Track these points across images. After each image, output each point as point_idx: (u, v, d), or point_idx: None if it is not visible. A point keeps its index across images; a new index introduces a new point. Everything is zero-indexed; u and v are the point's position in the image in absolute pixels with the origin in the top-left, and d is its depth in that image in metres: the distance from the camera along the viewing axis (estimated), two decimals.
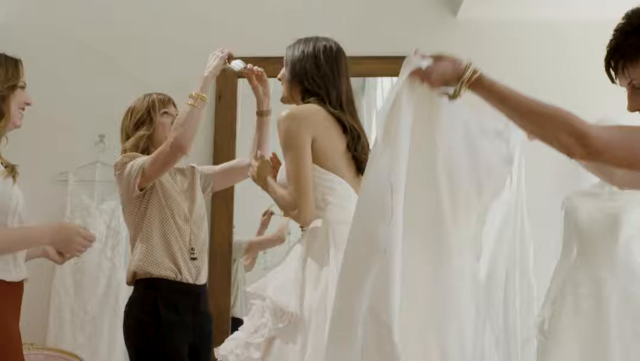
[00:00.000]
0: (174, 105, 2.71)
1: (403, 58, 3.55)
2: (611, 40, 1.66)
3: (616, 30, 1.66)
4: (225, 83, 3.54)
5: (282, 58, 3.59)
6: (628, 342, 2.75)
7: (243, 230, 3.63)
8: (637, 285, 2.92)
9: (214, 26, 3.66)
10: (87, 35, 3.69)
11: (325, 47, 2.27)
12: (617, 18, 3.50)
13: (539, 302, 3.08)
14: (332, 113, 2.16)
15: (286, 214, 2.16)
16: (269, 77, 2.77)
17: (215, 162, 3.25)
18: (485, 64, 3.55)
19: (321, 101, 2.19)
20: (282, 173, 2.20)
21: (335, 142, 2.16)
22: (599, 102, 3.46)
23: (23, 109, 2.17)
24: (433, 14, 3.65)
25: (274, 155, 2.43)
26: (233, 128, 3.48)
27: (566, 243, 3.15)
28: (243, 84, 3.50)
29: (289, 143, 2.11)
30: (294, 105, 2.24)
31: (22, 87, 2.16)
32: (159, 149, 2.47)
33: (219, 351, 2.08)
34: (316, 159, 2.12)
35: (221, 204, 3.40)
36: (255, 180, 2.31)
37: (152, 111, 2.62)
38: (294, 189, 2.08)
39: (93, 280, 3.36)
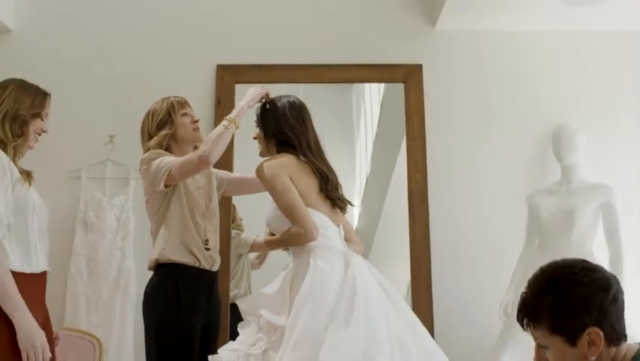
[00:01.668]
0: (189, 106, 2.86)
1: (385, 65, 3.87)
2: (522, 293, 1.64)
3: (528, 284, 1.64)
4: (224, 88, 3.75)
5: (277, 65, 3.86)
6: None
7: (246, 226, 3.76)
8: None
9: (214, 34, 3.84)
10: (97, 44, 3.83)
11: (289, 102, 2.55)
12: (582, 29, 3.77)
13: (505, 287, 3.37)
14: (302, 160, 2.45)
15: (302, 242, 2.35)
16: (264, 82, 2.99)
17: (214, 165, 3.45)
18: (462, 72, 3.89)
19: (294, 150, 2.47)
20: (270, 216, 2.46)
21: (308, 183, 2.43)
22: (565, 105, 3.74)
23: (39, 134, 2.42)
24: (413, 25, 3.84)
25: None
26: None
27: (529, 234, 3.45)
28: (240, 89, 3.71)
29: (273, 185, 2.37)
30: (269, 157, 2.51)
31: (43, 118, 2.41)
32: (187, 157, 2.62)
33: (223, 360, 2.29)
34: None
35: (220, 200, 3.63)
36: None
37: (172, 112, 2.77)
38: (293, 216, 2.33)
39: (105, 267, 3.51)
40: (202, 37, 3.86)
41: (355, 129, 4.35)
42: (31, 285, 2.25)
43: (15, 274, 2.18)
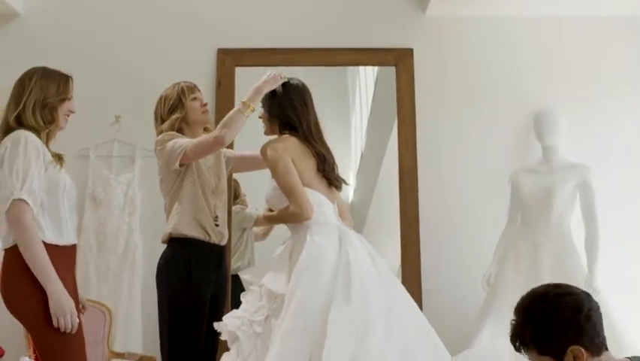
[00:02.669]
0: (199, 90, 3.00)
1: (377, 50, 4.01)
2: (512, 321, 1.85)
3: (514, 311, 1.86)
4: (224, 71, 3.89)
5: (275, 49, 3.95)
6: None
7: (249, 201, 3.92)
8: (566, 249, 3.39)
9: (215, 19, 3.97)
10: (103, 28, 3.94)
11: (293, 85, 2.70)
12: (568, 14, 3.89)
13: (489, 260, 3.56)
14: (303, 142, 2.62)
15: (298, 221, 2.52)
16: (263, 65, 3.20)
17: None
18: (451, 56, 4.04)
19: (295, 131, 2.64)
20: (270, 193, 2.63)
21: (307, 163, 2.60)
22: (550, 89, 3.90)
23: (68, 116, 2.58)
24: (405, 11, 3.98)
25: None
26: None
27: (512, 211, 3.62)
28: (239, 72, 3.88)
29: (276, 165, 2.53)
30: (273, 137, 2.67)
31: (69, 99, 2.55)
32: (202, 138, 2.76)
33: (227, 327, 2.43)
34: None
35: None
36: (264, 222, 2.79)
37: (183, 97, 2.91)
38: (292, 196, 2.50)
39: (114, 241, 3.67)
40: (203, 22, 3.98)
41: (351, 106, 4.46)
42: (63, 257, 2.44)
43: (50, 246, 2.37)
